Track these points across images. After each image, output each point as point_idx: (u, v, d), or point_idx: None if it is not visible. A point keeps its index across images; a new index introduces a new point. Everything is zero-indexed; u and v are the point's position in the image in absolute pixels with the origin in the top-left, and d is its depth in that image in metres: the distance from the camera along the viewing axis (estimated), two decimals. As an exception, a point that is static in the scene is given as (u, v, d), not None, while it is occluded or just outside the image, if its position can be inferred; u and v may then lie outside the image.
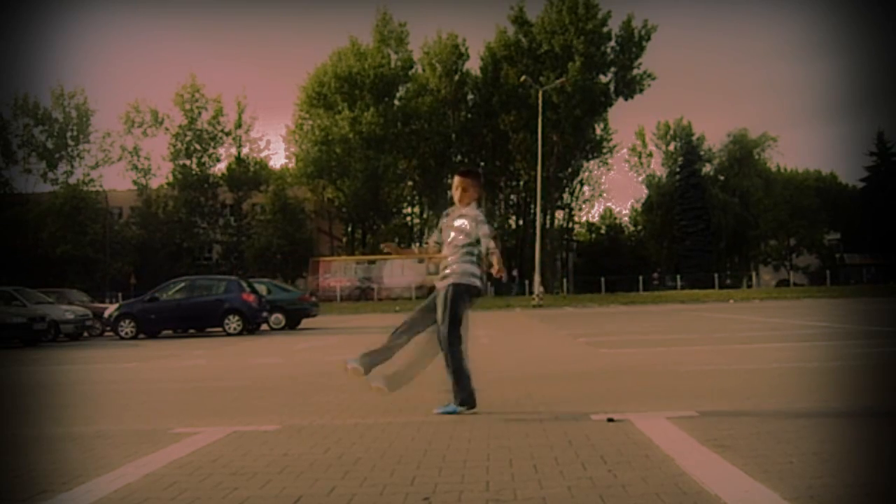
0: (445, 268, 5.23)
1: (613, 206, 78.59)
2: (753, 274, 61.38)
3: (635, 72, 53.87)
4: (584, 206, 66.35)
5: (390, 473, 3.49)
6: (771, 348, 9.92)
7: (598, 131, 58.93)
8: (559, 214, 62.05)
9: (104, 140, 51.91)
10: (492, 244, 5.12)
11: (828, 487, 3.00)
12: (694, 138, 64.14)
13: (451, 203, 5.44)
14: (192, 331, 18.64)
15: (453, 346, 5.03)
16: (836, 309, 21.33)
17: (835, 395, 5.63)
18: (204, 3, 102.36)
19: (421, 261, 46.91)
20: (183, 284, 18.93)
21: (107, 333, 19.24)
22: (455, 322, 5.05)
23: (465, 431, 4.47)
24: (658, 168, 67.66)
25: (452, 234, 5.25)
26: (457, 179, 5.40)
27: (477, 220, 5.18)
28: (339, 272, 47.84)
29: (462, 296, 5.10)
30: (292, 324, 20.77)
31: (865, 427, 4.32)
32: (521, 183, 59.47)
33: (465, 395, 5.06)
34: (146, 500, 3.20)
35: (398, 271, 46.16)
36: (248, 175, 52.35)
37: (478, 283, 5.18)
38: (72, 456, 4.21)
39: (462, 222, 5.21)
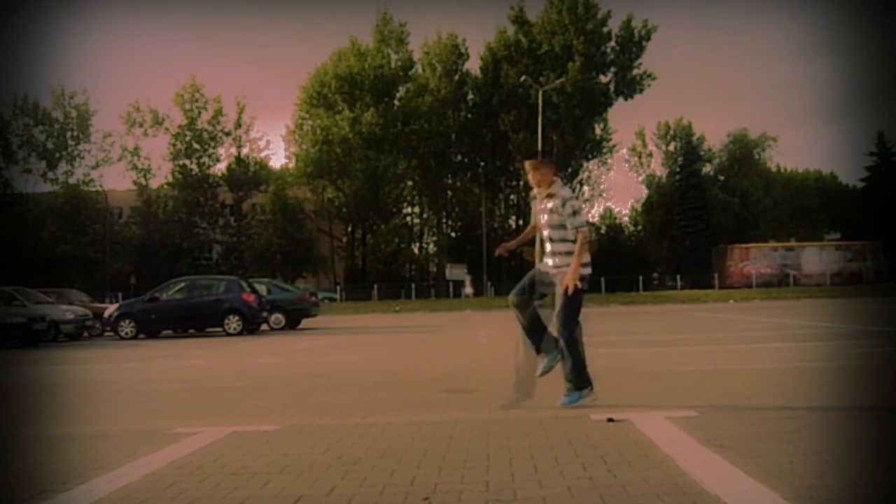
0: (551, 254, 5.33)
1: (613, 206, 78.65)
2: (754, 274, 61.33)
3: (635, 72, 53.87)
4: (584, 206, 66.20)
5: (390, 473, 3.49)
6: (771, 348, 9.92)
7: (598, 131, 58.89)
8: (559, 214, 61.99)
9: (104, 140, 51.89)
10: (578, 242, 5.17)
11: (828, 487, 2.99)
12: (694, 138, 64.06)
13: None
14: (192, 331, 18.64)
15: (571, 337, 5.19)
16: (836, 309, 21.33)
17: (835, 395, 5.63)
18: (204, 3, 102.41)
19: (838, 248, 48.32)
20: (183, 284, 18.91)
21: (107, 333, 19.23)
22: (572, 316, 5.20)
23: (465, 431, 4.47)
24: (658, 168, 67.67)
25: (545, 216, 5.35)
26: (525, 165, 5.54)
27: (567, 205, 5.25)
28: (757, 259, 49.10)
29: (576, 290, 5.20)
30: (292, 324, 20.77)
31: (865, 427, 4.32)
32: (521, 183, 59.41)
33: (584, 380, 5.22)
34: (146, 500, 3.20)
35: (816, 258, 47.11)
36: (248, 175, 52.29)
37: (584, 270, 5.22)
38: (72, 456, 4.21)
39: (554, 203, 5.30)
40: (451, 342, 13.07)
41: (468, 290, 44.39)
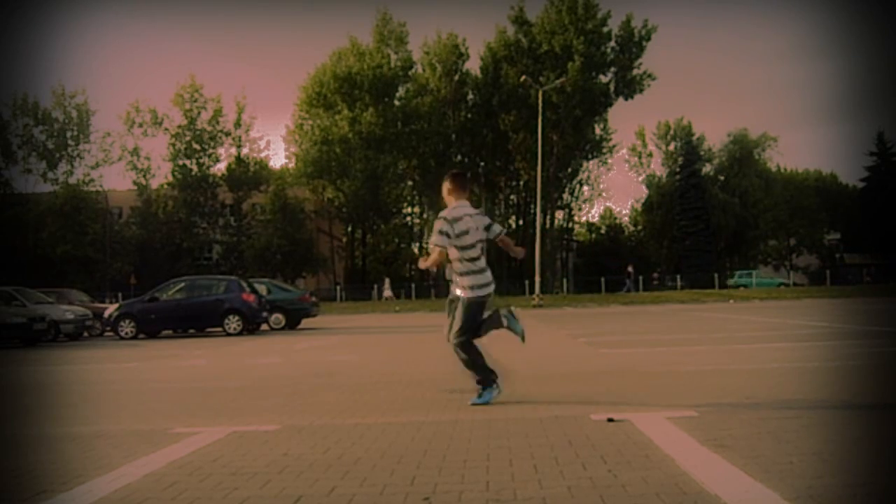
0: (462, 274, 5.48)
1: (613, 206, 78.69)
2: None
3: (635, 72, 53.80)
4: (584, 206, 66.29)
5: (390, 473, 3.49)
6: (771, 348, 9.92)
7: (598, 131, 58.87)
8: (559, 214, 62.03)
9: (104, 140, 51.84)
10: (509, 241, 5.69)
11: (828, 487, 3.00)
12: (694, 138, 64.05)
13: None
14: (192, 331, 18.63)
15: (463, 345, 5.42)
16: (836, 309, 21.33)
17: (835, 395, 5.63)
18: (204, 3, 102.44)
19: None
20: (183, 284, 18.91)
21: (107, 333, 19.23)
22: (470, 330, 5.44)
23: (465, 431, 4.47)
24: (658, 168, 67.65)
25: (470, 237, 5.41)
26: (467, 182, 5.66)
27: (484, 216, 5.54)
28: None
29: (479, 307, 5.46)
30: (292, 324, 20.77)
31: (866, 427, 4.32)
32: (521, 183, 59.42)
33: (486, 374, 5.44)
34: (146, 500, 3.20)
35: None
36: (248, 175, 52.25)
37: (482, 291, 5.51)
38: (72, 456, 4.21)
39: (479, 219, 5.48)
40: (451, 342, 13.03)
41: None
